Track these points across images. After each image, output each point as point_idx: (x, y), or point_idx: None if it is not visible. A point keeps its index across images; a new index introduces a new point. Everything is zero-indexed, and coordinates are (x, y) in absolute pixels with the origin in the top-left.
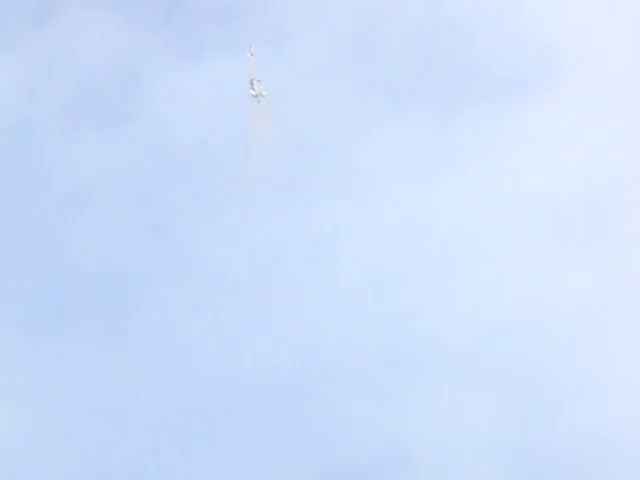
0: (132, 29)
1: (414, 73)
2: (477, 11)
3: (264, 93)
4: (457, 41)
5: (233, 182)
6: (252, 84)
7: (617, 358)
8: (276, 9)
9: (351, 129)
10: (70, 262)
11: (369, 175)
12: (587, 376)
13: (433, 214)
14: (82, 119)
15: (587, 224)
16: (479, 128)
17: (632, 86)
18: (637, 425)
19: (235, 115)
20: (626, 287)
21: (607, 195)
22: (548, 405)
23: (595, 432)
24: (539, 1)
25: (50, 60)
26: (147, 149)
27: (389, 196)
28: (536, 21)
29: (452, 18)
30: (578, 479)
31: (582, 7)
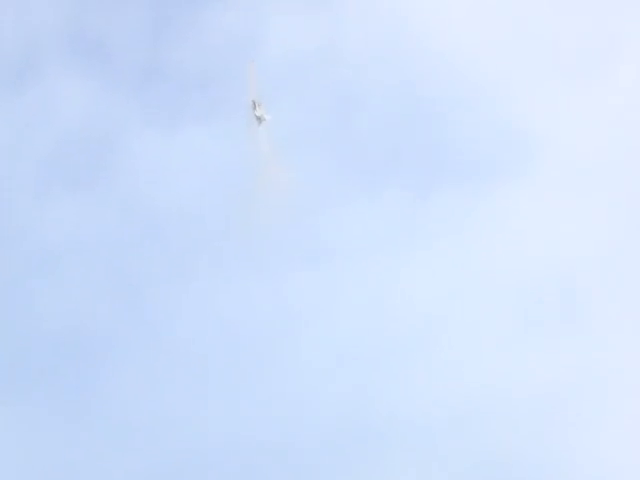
0: (110, 94)
1: (389, 150)
2: (454, 92)
3: (266, 116)
4: (433, 121)
5: (205, 251)
6: (254, 105)
7: (582, 445)
8: (254, 79)
9: (324, 202)
10: (36, 324)
11: (340, 250)
12: (550, 462)
13: (402, 292)
14: (56, 181)
15: (557, 310)
16: (451, 208)
17: (605, 172)
18: None
19: (209, 182)
20: (594, 375)
21: (578, 281)
22: None
23: None
24: (515, 85)
25: (27, 122)
26: (120, 213)
27: (359, 271)
28: (512, 104)
29: (429, 98)
30: None
31: (557, 93)
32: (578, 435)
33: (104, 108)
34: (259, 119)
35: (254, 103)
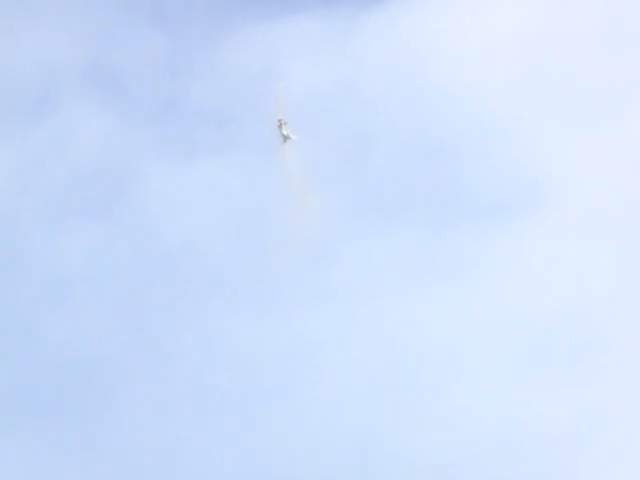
0: (127, 127)
1: (403, 189)
2: (469, 133)
3: (292, 136)
4: (447, 161)
5: (218, 284)
6: (281, 124)
7: None
8: (267, 114)
9: (338, 240)
10: (47, 353)
11: (352, 287)
12: None
13: (413, 331)
14: (70, 212)
15: (567, 350)
16: (463, 248)
17: (618, 215)
18: None
19: (223, 216)
20: (603, 417)
21: (588, 323)
22: None
23: None
24: (529, 126)
25: (44, 152)
26: (134, 246)
27: (371, 309)
28: (526, 145)
29: (443, 139)
30: None
31: (571, 135)
32: (586, 476)
33: (120, 141)
34: (285, 138)
35: (280, 122)
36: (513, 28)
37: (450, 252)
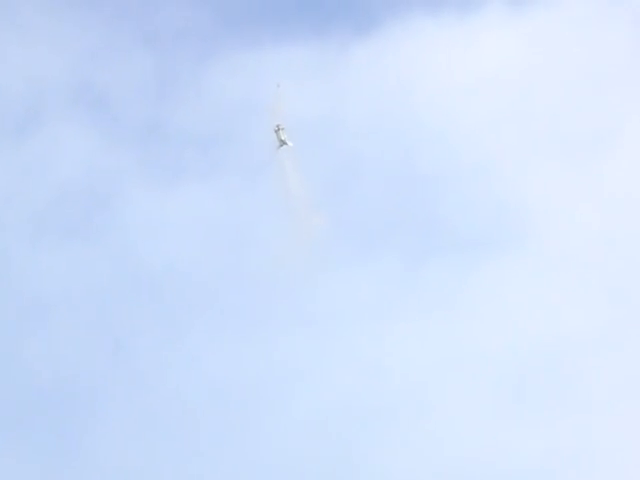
0: (112, 148)
1: (386, 219)
2: (451, 167)
3: (289, 142)
4: (429, 194)
5: (197, 309)
6: (278, 129)
7: None
8: (253, 141)
9: (318, 267)
10: (25, 372)
11: (332, 314)
12: None
13: (390, 359)
14: (51, 230)
15: (542, 386)
16: (443, 280)
17: (597, 251)
18: None
19: (204, 241)
20: (576, 451)
21: (564, 359)
22: None
23: None
24: (511, 162)
25: (27, 169)
26: (112, 267)
27: (350, 337)
28: (507, 183)
29: (427, 171)
30: None
31: (552, 171)
32: None
33: (104, 161)
34: (282, 143)
35: (278, 127)
36: (499, 65)
37: (429, 284)
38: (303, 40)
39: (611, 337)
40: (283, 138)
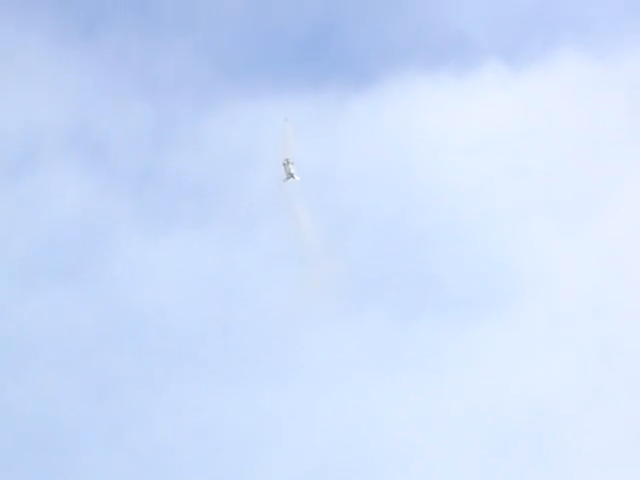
0: (106, 193)
1: (375, 274)
2: (443, 225)
3: (297, 177)
4: (420, 251)
5: (183, 357)
6: (287, 163)
7: None
8: (247, 191)
9: (306, 320)
10: (7, 415)
11: (318, 368)
12: None
13: (377, 415)
14: (40, 273)
15: (529, 447)
16: (431, 338)
17: (584, 315)
18: None
19: (194, 292)
20: None
21: (551, 420)
22: None
23: None
24: (502, 223)
25: (20, 212)
26: (99, 312)
27: (335, 392)
28: (498, 243)
29: (419, 228)
30: None
31: (543, 234)
32: None
33: (98, 206)
34: (290, 176)
35: (287, 161)
36: (495, 125)
37: (417, 341)
38: (301, 92)
39: (598, 400)
40: (292, 172)
